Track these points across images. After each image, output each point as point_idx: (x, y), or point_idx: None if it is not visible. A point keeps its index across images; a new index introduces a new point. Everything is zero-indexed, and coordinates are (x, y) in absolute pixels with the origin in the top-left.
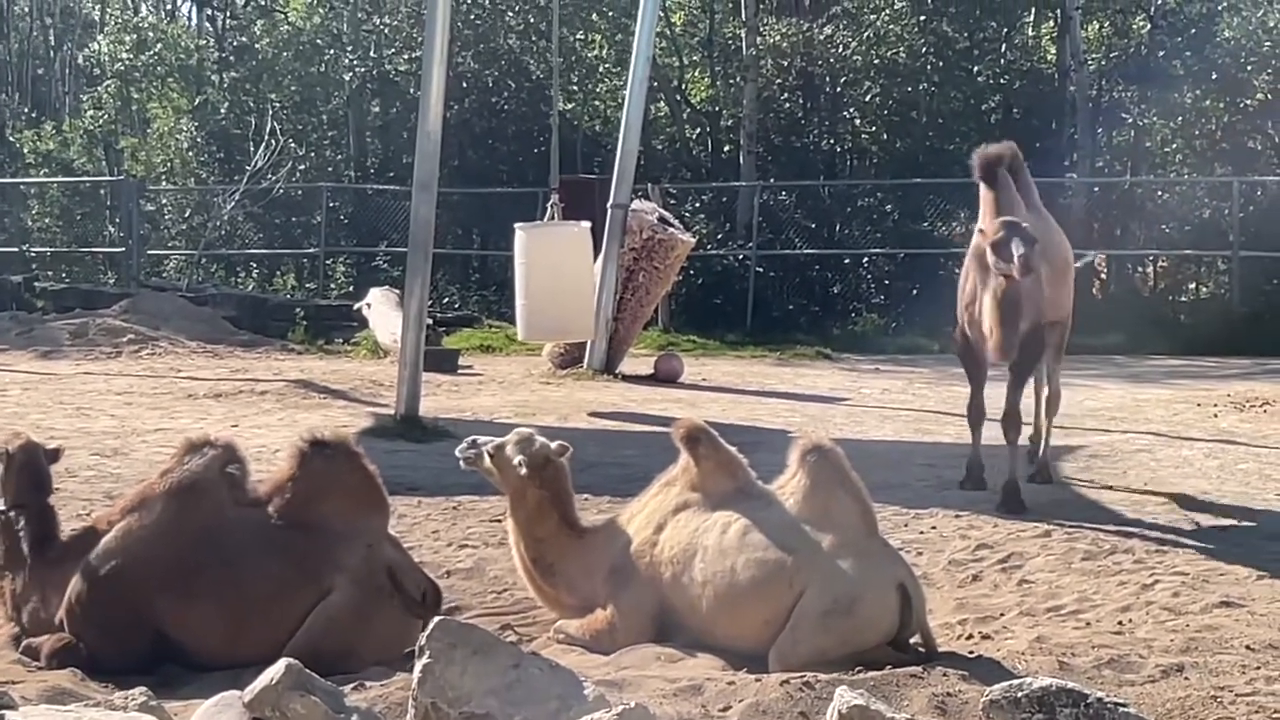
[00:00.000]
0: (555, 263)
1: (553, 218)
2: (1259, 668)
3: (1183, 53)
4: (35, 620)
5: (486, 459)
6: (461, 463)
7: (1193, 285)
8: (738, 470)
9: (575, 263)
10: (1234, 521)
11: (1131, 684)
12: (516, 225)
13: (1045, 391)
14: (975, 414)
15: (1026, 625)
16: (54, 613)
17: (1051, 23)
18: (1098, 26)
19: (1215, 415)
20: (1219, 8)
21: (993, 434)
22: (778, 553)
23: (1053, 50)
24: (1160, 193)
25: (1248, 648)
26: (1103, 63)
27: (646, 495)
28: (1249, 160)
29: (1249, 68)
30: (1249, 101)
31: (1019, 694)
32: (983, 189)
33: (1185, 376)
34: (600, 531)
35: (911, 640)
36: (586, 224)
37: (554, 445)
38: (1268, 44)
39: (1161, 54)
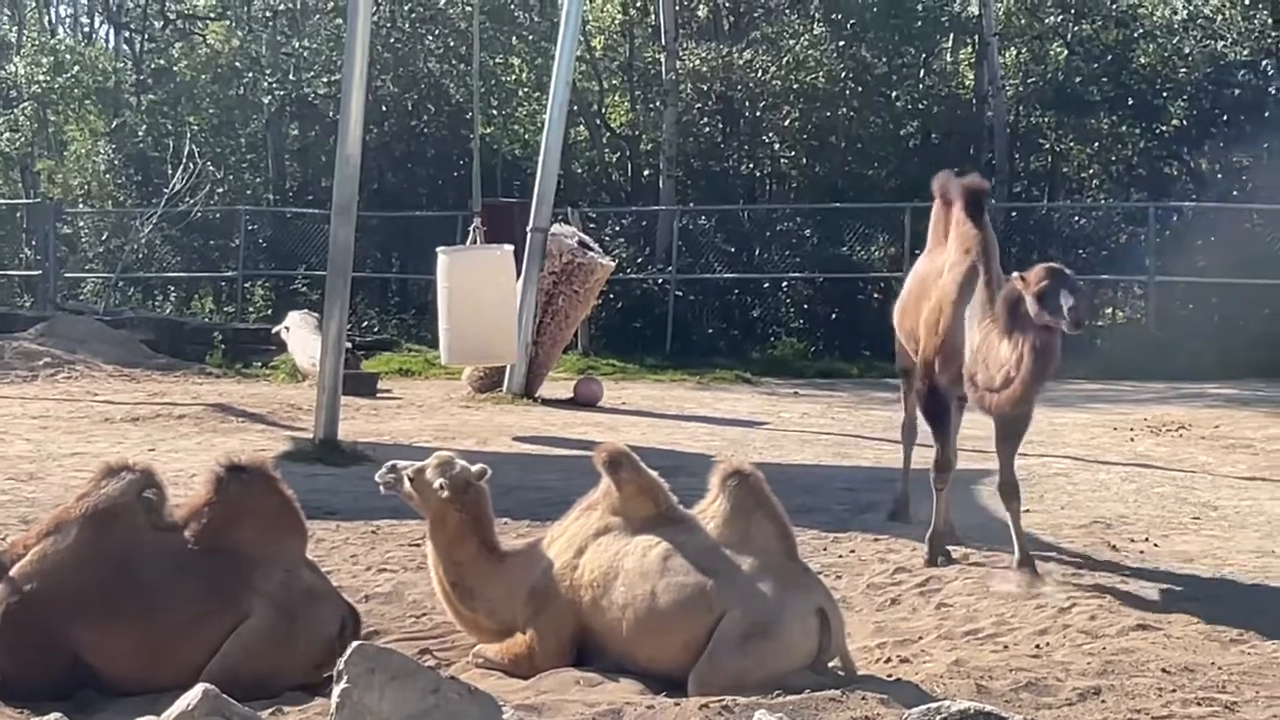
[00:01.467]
0: (478, 286)
1: (475, 241)
2: (1175, 690)
3: (1099, 79)
4: None
5: (407, 483)
6: (381, 487)
7: (1109, 310)
8: (659, 495)
9: (498, 286)
10: (1150, 545)
11: (1049, 707)
12: (439, 249)
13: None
14: (944, 466)
15: (945, 648)
16: None
17: (970, 49)
18: (1015, 53)
19: (1132, 439)
20: (1135, 35)
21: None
22: (698, 576)
23: (971, 76)
24: (1077, 218)
25: (1164, 670)
26: (1020, 88)
27: (567, 519)
28: (1165, 186)
29: (1165, 94)
30: (1165, 127)
31: (937, 717)
32: (967, 223)
33: (1102, 401)
34: (520, 555)
35: (831, 664)
36: (509, 247)
37: (474, 469)
38: (1183, 70)
39: (1079, 80)
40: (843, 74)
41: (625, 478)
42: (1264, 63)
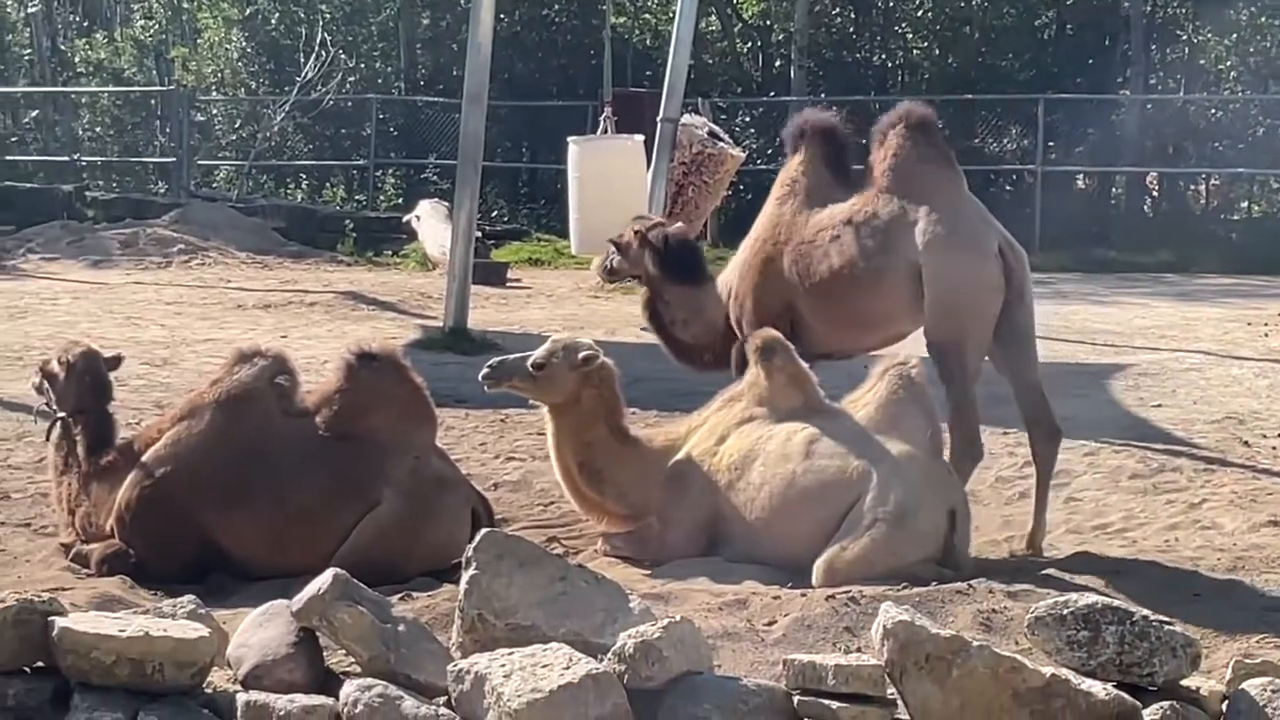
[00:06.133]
0: (609, 176)
1: (605, 131)
2: None
3: None
4: (87, 526)
5: (528, 369)
6: (485, 385)
7: (1245, 204)
8: (807, 386)
9: (629, 176)
10: None
11: (1177, 603)
12: (570, 139)
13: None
14: None
15: (1072, 543)
16: (104, 519)
17: None
18: None
19: (1266, 334)
20: None
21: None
22: (840, 460)
23: None
24: (1214, 110)
25: None
26: None
27: (707, 410)
28: None
29: None
30: None
31: (1064, 611)
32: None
33: (1236, 295)
34: (655, 440)
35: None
36: (640, 138)
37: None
38: None
39: None
40: None
41: (778, 365)
42: None
